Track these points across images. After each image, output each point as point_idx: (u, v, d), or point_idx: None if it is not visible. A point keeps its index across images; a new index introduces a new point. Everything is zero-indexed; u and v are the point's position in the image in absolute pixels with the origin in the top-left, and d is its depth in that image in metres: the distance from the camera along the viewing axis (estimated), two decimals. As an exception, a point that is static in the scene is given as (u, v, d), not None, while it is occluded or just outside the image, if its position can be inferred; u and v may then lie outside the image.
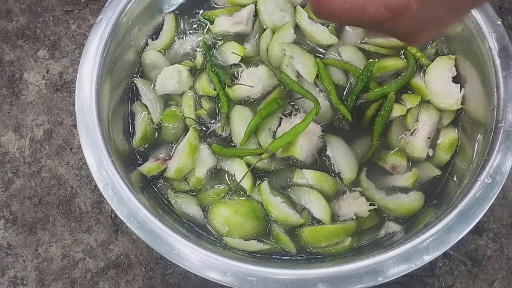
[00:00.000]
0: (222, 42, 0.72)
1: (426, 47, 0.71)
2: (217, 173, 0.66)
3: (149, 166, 0.65)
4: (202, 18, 0.75)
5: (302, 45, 0.71)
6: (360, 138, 0.67)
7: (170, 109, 0.69)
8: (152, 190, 0.65)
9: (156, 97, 0.69)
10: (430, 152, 0.65)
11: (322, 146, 0.65)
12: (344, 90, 0.69)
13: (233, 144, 0.66)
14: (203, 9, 0.75)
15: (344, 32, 0.72)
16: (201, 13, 0.75)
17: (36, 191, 0.80)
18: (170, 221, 0.60)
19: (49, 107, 0.85)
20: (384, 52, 0.71)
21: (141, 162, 0.66)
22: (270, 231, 0.63)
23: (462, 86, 0.67)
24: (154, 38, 0.74)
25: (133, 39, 0.71)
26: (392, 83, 0.67)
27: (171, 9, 0.75)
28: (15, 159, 0.82)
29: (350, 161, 0.64)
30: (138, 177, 0.64)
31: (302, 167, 0.64)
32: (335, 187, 0.63)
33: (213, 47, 0.72)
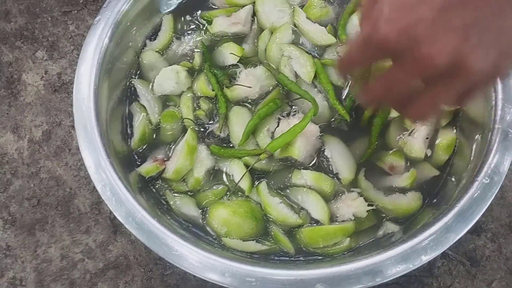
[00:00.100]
0: (220, 43, 0.72)
1: None
2: (215, 173, 0.66)
3: (147, 167, 0.65)
4: (200, 18, 0.75)
5: (300, 45, 0.71)
6: (358, 138, 0.67)
7: (169, 109, 0.69)
8: (151, 191, 0.65)
9: (154, 98, 0.69)
10: (428, 152, 0.65)
11: (321, 147, 0.65)
12: (342, 91, 0.69)
13: (231, 145, 0.66)
14: (201, 10, 0.75)
15: (342, 33, 0.72)
16: (199, 13, 0.75)
17: (34, 192, 0.80)
18: (169, 222, 0.60)
19: (48, 108, 0.85)
20: None
21: (140, 163, 0.66)
22: (268, 231, 0.63)
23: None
24: (152, 39, 0.74)
25: (131, 40, 0.71)
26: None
27: (169, 10, 0.75)
28: (13, 160, 0.82)
29: (348, 161, 0.64)
30: (137, 178, 0.64)
31: (300, 168, 0.64)
32: (333, 187, 0.63)
33: (211, 48, 0.72)
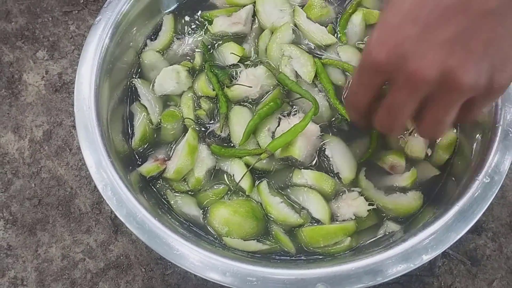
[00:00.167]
0: (221, 43, 0.72)
1: None
2: (216, 173, 0.66)
3: (148, 167, 0.65)
4: (201, 18, 0.75)
5: (300, 45, 0.71)
6: (359, 137, 0.67)
7: (169, 109, 0.69)
8: (152, 190, 0.65)
9: (155, 97, 0.69)
10: (428, 152, 0.65)
11: (321, 146, 0.65)
12: (343, 90, 0.69)
13: (232, 145, 0.66)
14: (202, 10, 0.75)
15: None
16: (200, 13, 0.75)
17: (35, 192, 0.80)
18: (170, 221, 0.60)
19: (49, 108, 0.86)
20: None
21: (140, 162, 0.66)
22: (269, 231, 0.63)
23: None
24: (153, 38, 0.74)
25: (132, 39, 0.71)
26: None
27: (169, 10, 0.75)
28: (14, 160, 0.82)
29: (349, 161, 0.64)
30: (138, 178, 0.64)
31: (301, 167, 0.64)
32: (334, 187, 0.63)
33: (212, 48, 0.72)
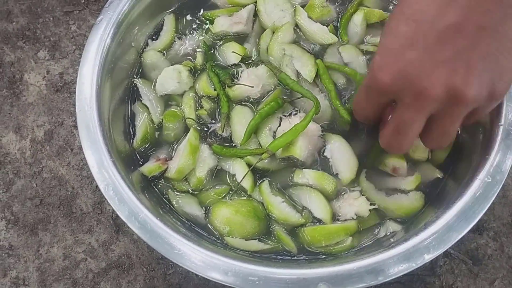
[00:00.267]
0: (222, 42, 0.72)
1: None
2: (217, 173, 0.66)
3: (149, 167, 0.65)
4: (202, 18, 0.75)
5: (302, 45, 0.71)
6: (359, 137, 0.67)
7: (171, 109, 0.69)
8: (153, 190, 0.65)
9: (156, 97, 0.69)
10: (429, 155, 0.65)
11: (322, 146, 0.65)
12: (346, 91, 0.69)
13: (233, 144, 0.66)
14: (203, 10, 0.75)
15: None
16: (201, 13, 0.75)
17: (37, 192, 0.80)
18: (171, 221, 0.60)
19: (50, 108, 0.86)
20: None
21: (142, 162, 0.66)
22: (271, 231, 0.63)
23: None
24: (154, 38, 0.74)
25: (133, 39, 0.71)
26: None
27: (171, 10, 0.75)
28: (16, 160, 0.82)
29: (349, 161, 0.63)
30: (139, 178, 0.64)
31: (302, 167, 0.64)
32: (335, 186, 0.63)
33: (213, 48, 0.72)
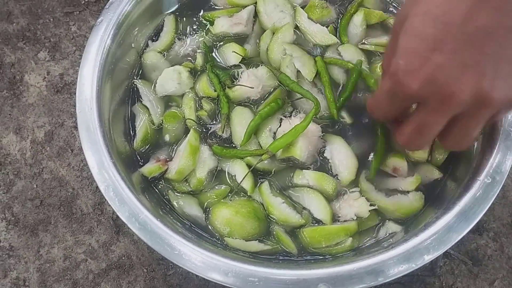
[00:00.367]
0: (222, 43, 0.72)
1: None
2: (218, 174, 0.66)
3: (150, 168, 0.65)
4: (202, 19, 0.75)
5: (301, 45, 0.71)
6: (360, 137, 0.67)
7: (171, 110, 0.69)
8: (153, 191, 0.66)
9: (156, 98, 0.70)
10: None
11: (322, 147, 0.65)
12: (339, 88, 0.69)
13: (233, 145, 0.66)
14: (203, 11, 0.75)
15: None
16: (201, 14, 0.75)
17: (37, 192, 0.80)
18: (171, 222, 0.60)
19: (50, 108, 0.86)
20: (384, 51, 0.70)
21: (142, 163, 0.67)
22: (271, 231, 0.63)
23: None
24: (154, 39, 0.74)
25: (134, 40, 0.71)
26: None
27: (171, 10, 0.75)
28: (16, 160, 0.82)
29: (349, 161, 0.64)
30: (139, 178, 0.64)
31: (302, 168, 0.64)
32: (335, 187, 0.63)
33: (213, 48, 0.72)
